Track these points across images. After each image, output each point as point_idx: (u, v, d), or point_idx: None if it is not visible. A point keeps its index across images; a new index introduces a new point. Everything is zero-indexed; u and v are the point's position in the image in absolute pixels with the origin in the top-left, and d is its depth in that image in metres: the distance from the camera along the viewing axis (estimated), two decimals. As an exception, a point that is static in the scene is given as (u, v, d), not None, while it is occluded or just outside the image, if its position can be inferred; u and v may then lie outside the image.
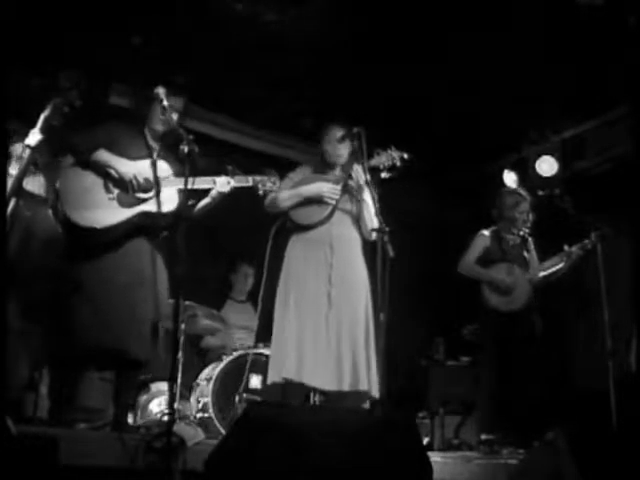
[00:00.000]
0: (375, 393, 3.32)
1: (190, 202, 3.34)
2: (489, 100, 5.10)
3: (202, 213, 3.45)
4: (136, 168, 3.25)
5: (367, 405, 3.43)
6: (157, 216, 3.24)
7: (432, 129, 5.53)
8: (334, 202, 3.53)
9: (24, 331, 3.31)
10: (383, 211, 3.34)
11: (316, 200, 3.54)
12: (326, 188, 3.54)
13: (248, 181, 3.38)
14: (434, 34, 4.57)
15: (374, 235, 3.56)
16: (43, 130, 3.41)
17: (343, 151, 3.60)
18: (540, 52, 4.63)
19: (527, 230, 4.50)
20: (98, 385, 3.18)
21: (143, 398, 4.67)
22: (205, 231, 5.05)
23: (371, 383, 3.32)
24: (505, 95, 5.04)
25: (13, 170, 3.52)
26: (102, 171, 3.24)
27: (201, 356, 5.10)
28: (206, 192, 3.39)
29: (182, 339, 4.28)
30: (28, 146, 3.18)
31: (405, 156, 3.53)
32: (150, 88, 3.32)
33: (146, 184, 3.25)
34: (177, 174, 3.29)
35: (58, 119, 3.43)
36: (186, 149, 2.94)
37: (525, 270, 4.48)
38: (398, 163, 3.51)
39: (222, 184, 3.32)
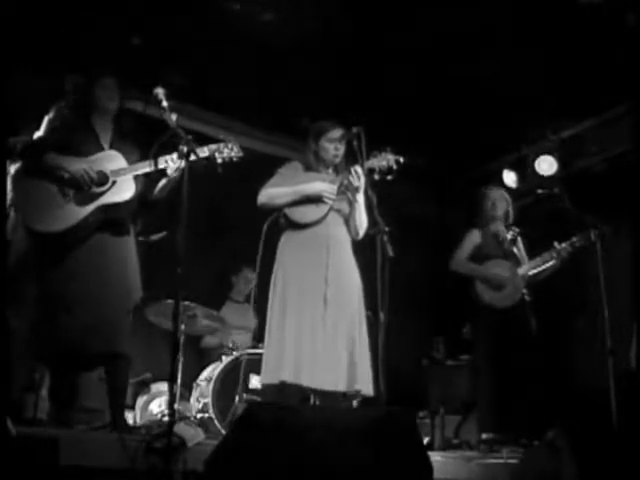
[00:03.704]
0: (368, 392, 3.33)
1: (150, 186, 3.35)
2: (489, 100, 5.10)
3: (162, 195, 3.41)
4: (87, 163, 3.21)
5: (358, 403, 3.44)
6: (118, 206, 3.23)
7: (432, 129, 5.53)
8: (331, 202, 3.52)
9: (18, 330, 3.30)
10: (382, 211, 3.32)
11: (314, 199, 3.52)
12: (325, 187, 3.52)
13: (204, 151, 3.27)
14: (433, 34, 4.57)
15: (361, 235, 3.57)
16: (47, 132, 3.42)
17: (341, 151, 3.59)
18: (540, 51, 4.63)
19: (517, 230, 4.54)
20: (98, 386, 3.18)
21: (143, 399, 4.69)
22: (205, 231, 5.08)
23: (365, 382, 3.33)
24: (505, 95, 5.04)
25: None
26: (54, 175, 3.19)
27: (201, 356, 5.11)
28: (163, 174, 3.34)
29: (182, 339, 4.29)
30: None
31: (401, 159, 3.51)
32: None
33: (100, 177, 3.22)
34: (132, 162, 3.28)
35: (60, 121, 3.44)
36: (185, 149, 2.94)
37: (517, 266, 4.51)
38: (394, 166, 3.49)
39: (176, 160, 3.23)
